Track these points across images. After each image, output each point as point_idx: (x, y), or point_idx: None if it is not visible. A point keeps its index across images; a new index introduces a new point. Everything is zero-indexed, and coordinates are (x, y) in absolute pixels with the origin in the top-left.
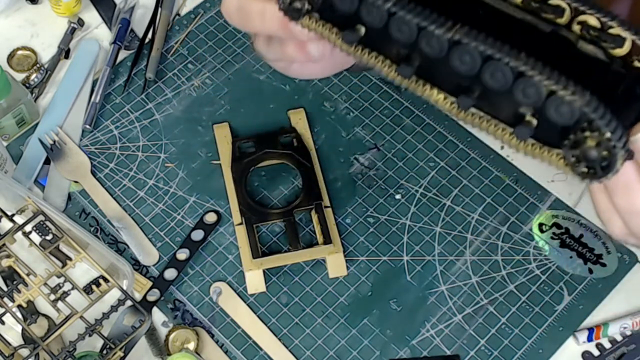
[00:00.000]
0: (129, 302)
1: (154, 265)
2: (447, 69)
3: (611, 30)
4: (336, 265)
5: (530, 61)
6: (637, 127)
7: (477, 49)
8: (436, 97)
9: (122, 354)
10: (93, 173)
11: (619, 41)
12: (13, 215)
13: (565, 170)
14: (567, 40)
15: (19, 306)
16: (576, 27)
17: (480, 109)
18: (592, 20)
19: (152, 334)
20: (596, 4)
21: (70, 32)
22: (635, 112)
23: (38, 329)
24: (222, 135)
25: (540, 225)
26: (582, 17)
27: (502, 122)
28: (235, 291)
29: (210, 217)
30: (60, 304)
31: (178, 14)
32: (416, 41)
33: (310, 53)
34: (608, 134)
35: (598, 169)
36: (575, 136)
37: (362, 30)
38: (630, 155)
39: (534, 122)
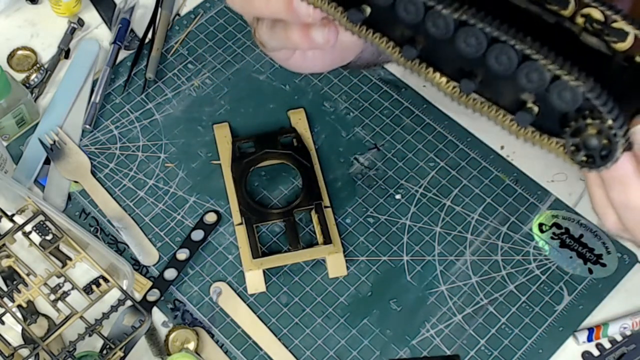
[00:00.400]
0: (129, 302)
1: (154, 265)
2: (451, 51)
3: (614, 24)
4: (336, 265)
5: (536, 45)
6: (638, 119)
7: (484, 31)
8: (438, 79)
9: (122, 354)
10: (93, 173)
11: (622, 35)
12: (13, 215)
13: (565, 158)
14: (570, 32)
15: (19, 306)
16: (580, 20)
17: (482, 94)
18: (596, 14)
19: (152, 334)
20: None
21: (70, 32)
22: (637, 104)
23: (38, 329)
24: (222, 135)
25: (540, 225)
26: (586, 10)
27: (503, 108)
28: (235, 291)
29: (210, 217)
30: (60, 304)
31: (178, 14)
32: (422, 21)
33: (315, 40)
34: (610, 122)
35: (597, 157)
36: (576, 123)
37: (368, 9)
38: (629, 146)
39: (535, 109)
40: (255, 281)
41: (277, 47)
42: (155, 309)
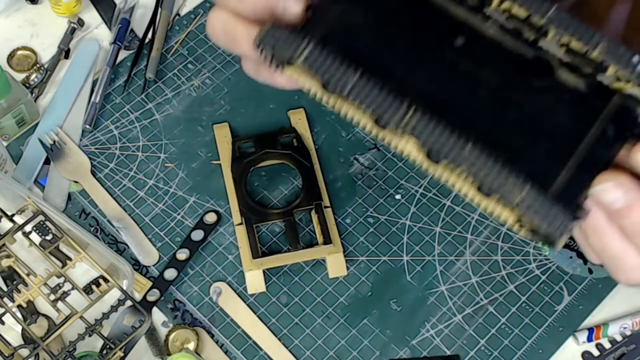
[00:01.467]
0: (129, 302)
1: (154, 265)
2: None
3: (593, 56)
4: (336, 265)
5: (472, 156)
6: (600, 177)
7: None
8: (407, 152)
9: (122, 354)
10: (93, 173)
11: (602, 66)
12: (13, 215)
13: (521, 232)
14: (547, 67)
15: (19, 306)
16: (559, 50)
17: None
18: (576, 44)
19: (152, 334)
20: (583, 25)
21: (70, 32)
22: (604, 158)
23: (38, 329)
24: (222, 135)
25: None
26: (565, 39)
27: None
28: (235, 291)
29: (210, 217)
30: (60, 304)
31: (178, 14)
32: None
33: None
34: (544, 228)
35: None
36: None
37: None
38: (582, 217)
39: None
40: (255, 281)
41: (264, 82)
42: (155, 309)
